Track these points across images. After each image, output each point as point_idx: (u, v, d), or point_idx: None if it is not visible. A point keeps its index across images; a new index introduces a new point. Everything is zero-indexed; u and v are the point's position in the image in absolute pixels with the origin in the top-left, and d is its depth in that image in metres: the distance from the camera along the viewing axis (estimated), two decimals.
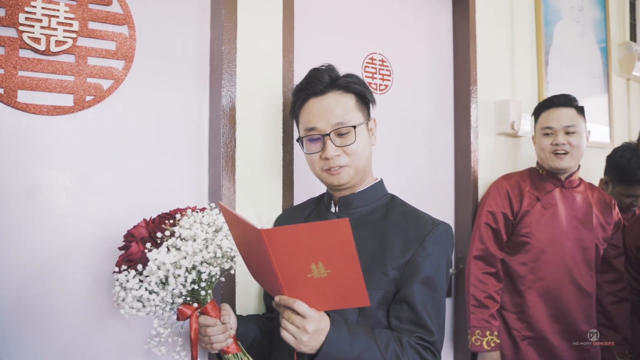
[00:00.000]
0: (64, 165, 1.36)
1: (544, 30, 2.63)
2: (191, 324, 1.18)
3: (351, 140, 1.29)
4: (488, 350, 1.93)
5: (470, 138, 2.24)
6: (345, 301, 1.07)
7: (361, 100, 1.35)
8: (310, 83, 1.33)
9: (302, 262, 0.99)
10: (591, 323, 2.01)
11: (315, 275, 1.00)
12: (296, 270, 1.00)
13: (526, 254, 2.00)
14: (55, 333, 1.33)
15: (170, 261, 1.09)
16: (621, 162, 2.34)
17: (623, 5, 3.28)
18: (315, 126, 1.30)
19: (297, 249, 0.97)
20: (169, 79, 1.53)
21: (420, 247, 1.23)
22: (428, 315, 1.20)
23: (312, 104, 1.33)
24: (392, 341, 1.14)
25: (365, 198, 1.35)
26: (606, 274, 2.08)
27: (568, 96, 2.05)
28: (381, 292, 1.22)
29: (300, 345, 1.05)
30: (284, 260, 0.98)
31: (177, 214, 1.22)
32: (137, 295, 1.10)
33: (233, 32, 1.56)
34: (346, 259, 0.97)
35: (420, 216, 1.32)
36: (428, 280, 1.22)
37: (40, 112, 1.33)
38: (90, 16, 1.40)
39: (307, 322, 1.04)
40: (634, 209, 2.39)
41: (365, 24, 2.03)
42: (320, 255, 0.97)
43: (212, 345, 1.19)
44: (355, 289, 1.02)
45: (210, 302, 1.20)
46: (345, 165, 1.29)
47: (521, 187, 2.07)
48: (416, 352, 1.15)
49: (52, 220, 1.34)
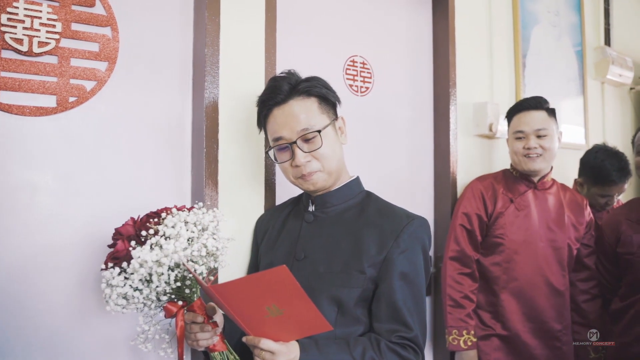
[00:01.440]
0: (47, 166, 1.36)
1: (521, 33, 2.68)
2: (177, 322, 1.19)
3: (318, 145, 1.31)
4: (465, 349, 1.96)
5: (449, 140, 2.28)
6: (308, 329, 1.12)
7: (324, 102, 1.37)
8: (271, 94, 1.35)
9: (256, 307, 1.05)
10: (563, 321, 2.05)
11: (273, 315, 1.06)
12: (253, 313, 1.07)
13: (500, 255, 2.04)
14: (39, 333, 1.33)
15: (153, 259, 1.10)
16: (595, 163, 2.38)
17: (598, 10, 3.36)
18: (281, 135, 1.33)
19: (247, 297, 1.04)
20: (152, 80, 1.54)
21: (395, 243, 1.26)
22: (408, 311, 1.22)
23: (276, 114, 1.34)
24: (369, 349, 1.17)
25: (341, 196, 1.37)
26: (579, 272, 2.13)
27: (539, 99, 2.07)
28: (358, 291, 1.24)
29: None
30: (239, 308, 1.07)
31: (164, 212, 1.23)
32: (121, 292, 1.11)
33: (216, 34, 1.58)
34: (295, 297, 1.03)
35: (395, 211, 1.34)
36: (405, 276, 1.24)
37: (23, 113, 1.33)
38: (73, 17, 1.40)
39: (277, 357, 1.10)
40: (608, 208, 2.45)
41: (347, 26, 2.06)
42: (271, 298, 1.03)
43: (198, 342, 1.20)
44: (314, 320, 1.08)
45: (197, 300, 1.21)
46: (317, 170, 1.32)
47: (495, 189, 2.10)
48: (394, 353, 1.18)
49: (34, 221, 1.34)
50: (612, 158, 2.35)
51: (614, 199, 2.42)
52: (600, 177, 2.37)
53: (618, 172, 2.32)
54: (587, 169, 2.43)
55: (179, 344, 1.20)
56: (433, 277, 2.30)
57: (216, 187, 1.56)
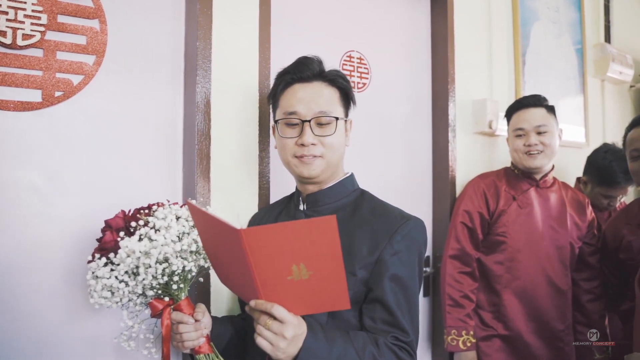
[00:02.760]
0: (33, 163, 1.32)
1: (521, 30, 2.64)
2: (163, 320, 1.15)
3: (331, 131, 1.27)
4: (464, 350, 1.93)
5: (448, 137, 2.25)
6: (324, 304, 1.02)
7: (344, 98, 1.34)
8: (298, 68, 1.31)
9: (283, 263, 0.93)
10: (565, 321, 2.03)
11: (296, 278, 0.94)
12: (275, 272, 0.94)
13: (502, 253, 2.01)
14: (25, 333, 1.29)
15: (140, 249, 1.07)
16: (603, 163, 2.35)
17: (598, 7, 3.33)
18: (296, 110, 1.27)
19: (278, 250, 0.91)
20: (142, 74, 1.50)
21: (389, 244, 1.20)
22: (402, 315, 1.17)
23: (297, 89, 1.30)
24: (368, 344, 1.11)
25: (334, 194, 1.32)
26: (582, 272, 2.10)
27: (538, 96, 2.07)
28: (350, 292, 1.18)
29: (277, 352, 1.00)
30: (263, 263, 0.92)
31: (155, 205, 1.20)
32: (106, 284, 1.08)
33: (208, 28, 1.54)
34: (330, 259, 0.92)
35: (390, 211, 1.28)
36: (398, 278, 1.19)
37: (7, 108, 1.29)
38: (60, 9, 1.36)
39: (286, 328, 0.98)
40: (610, 208, 2.41)
41: (343, 21, 2.02)
42: (303, 256, 0.92)
43: (184, 343, 1.16)
44: (336, 292, 0.98)
45: (185, 299, 1.17)
46: (320, 155, 1.26)
47: (497, 187, 2.08)
48: (393, 352, 1.14)
49: (19, 219, 1.30)
50: (621, 160, 2.30)
51: (617, 201, 2.39)
52: (607, 178, 2.34)
53: (625, 175, 2.28)
54: (594, 169, 2.40)
55: (165, 343, 1.16)
56: (432, 276, 2.26)
57: (208, 184, 1.52)
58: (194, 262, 1.14)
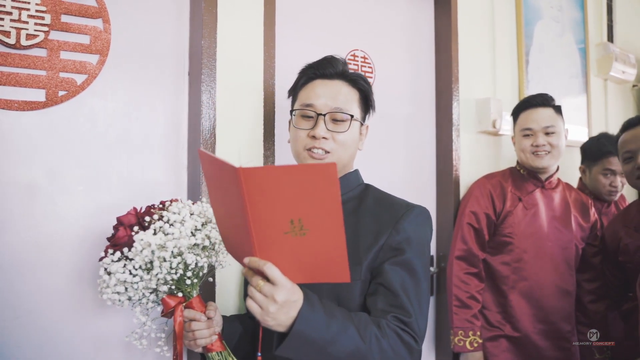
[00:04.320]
0: (37, 162, 1.32)
1: (524, 29, 2.64)
2: (175, 317, 1.14)
3: (344, 128, 1.26)
4: (471, 350, 1.92)
5: (451, 136, 2.24)
6: (322, 273, 0.95)
7: (363, 101, 1.34)
8: (322, 64, 1.32)
9: (280, 214, 0.87)
10: (571, 322, 2.02)
11: (292, 234, 0.88)
12: (272, 224, 0.88)
13: (509, 254, 2.00)
14: (28, 333, 1.29)
15: (156, 242, 1.07)
16: (592, 142, 2.44)
17: (601, 6, 3.32)
18: (313, 103, 1.27)
19: (276, 196, 0.86)
20: (146, 73, 1.49)
21: (394, 230, 1.18)
22: (407, 297, 1.11)
23: (317, 84, 1.31)
24: (370, 324, 1.05)
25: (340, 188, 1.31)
26: (584, 272, 2.09)
27: (545, 96, 2.06)
28: (358, 284, 1.16)
29: (266, 317, 0.93)
30: (260, 209, 0.87)
31: (168, 202, 1.21)
32: (120, 279, 1.07)
33: (213, 26, 1.53)
34: (328, 215, 0.87)
35: (394, 201, 1.26)
36: (404, 262, 1.15)
37: (11, 108, 1.28)
38: (63, 9, 1.35)
39: (277, 290, 0.92)
40: (613, 195, 2.38)
41: (348, 20, 2.01)
42: (301, 208, 0.87)
43: (196, 341, 1.15)
44: (335, 259, 0.91)
45: (197, 297, 1.17)
46: (330, 151, 1.26)
47: (503, 187, 2.07)
48: (396, 334, 1.06)
49: (22, 218, 1.29)
50: (608, 135, 2.42)
51: (618, 180, 2.35)
52: (598, 152, 2.37)
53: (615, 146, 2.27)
54: (586, 151, 2.46)
55: (178, 340, 1.15)
56: (436, 276, 2.25)
57: None
58: (206, 258, 1.14)
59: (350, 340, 0.99)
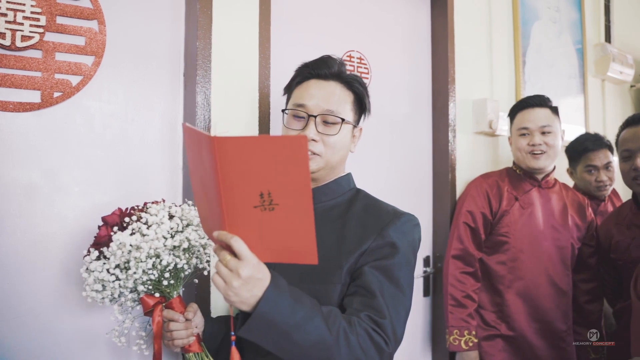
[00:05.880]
0: (32, 163, 1.32)
1: (521, 30, 2.64)
2: (154, 317, 1.16)
3: (334, 131, 1.25)
4: (466, 349, 1.92)
5: (448, 137, 2.24)
6: (290, 253, 0.94)
7: (357, 104, 1.33)
8: (317, 64, 1.31)
9: (251, 185, 0.87)
10: (567, 322, 2.03)
11: (262, 209, 0.88)
12: (242, 196, 0.88)
13: (505, 254, 2.01)
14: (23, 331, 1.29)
15: (131, 242, 1.08)
16: (571, 142, 2.48)
17: (598, 7, 3.32)
18: (305, 104, 1.26)
19: (247, 167, 0.86)
20: (141, 74, 1.50)
21: (379, 236, 1.16)
22: (383, 299, 1.09)
23: (311, 84, 1.29)
24: (339, 318, 1.02)
25: (329, 192, 1.30)
26: (581, 273, 2.10)
27: (542, 97, 2.07)
28: (338, 287, 1.15)
29: (229, 292, 0.91)
30: (231, 180, 0.87)
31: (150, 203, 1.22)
32: (98, 277, 1.10)
33: (208, 28, 1.53)
34: (297, 190, 0.86)
35: (383, 208, 1.25)
36: (386, 268, 1.13)
37: (6, 109, 1.28)
38: (58, 10, 1.35)
39: (242, 265, 0.90)
40: (602, 190, 2.38)
41: (344, 21, 2.01)
42: (271, 180, 0.87)
43: (174, 341, 1.17)
44: (303, 238, 0.90)
45: (177, 298, 1.18)
46: (318, 153, 1.25)
47: (500, 187, 2.07)
48: (366, 333, 1.04)
49: (18, 219, 1.29)
50: (587, 134, 2.47)
51: (602, 175, 2.35)
52: (577, 151, 2.41)
53: (592, 141, 2.38)
54: (568, 152, 2.49)
55: (156, 340, 1.16)
56: (432, 276, 2.26)
57: None
58: (186, 261, 1.15)
59: (316, 329, 0.96)
